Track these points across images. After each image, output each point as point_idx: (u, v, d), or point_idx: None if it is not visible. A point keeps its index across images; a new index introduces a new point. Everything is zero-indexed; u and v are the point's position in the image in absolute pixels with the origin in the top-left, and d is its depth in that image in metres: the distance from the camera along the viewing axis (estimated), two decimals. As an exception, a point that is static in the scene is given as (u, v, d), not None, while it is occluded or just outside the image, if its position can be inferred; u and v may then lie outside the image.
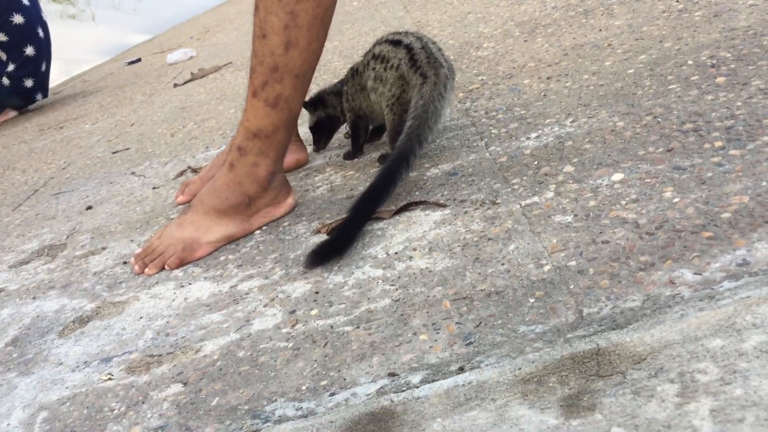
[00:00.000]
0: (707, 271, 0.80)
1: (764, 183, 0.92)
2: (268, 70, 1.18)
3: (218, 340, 1.00)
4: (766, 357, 0.63)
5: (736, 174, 0.97)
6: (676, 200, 0.96)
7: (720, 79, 1.27)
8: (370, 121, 1.50)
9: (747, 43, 1.39)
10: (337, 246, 1.14)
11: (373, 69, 1.39)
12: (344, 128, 1.65)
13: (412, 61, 1.30)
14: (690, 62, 1.39)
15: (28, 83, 3.38)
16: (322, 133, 1.60)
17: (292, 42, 1.16)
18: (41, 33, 3.34)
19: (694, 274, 0.80)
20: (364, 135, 1.54)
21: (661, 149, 1.10)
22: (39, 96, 3.48)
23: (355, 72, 1.47)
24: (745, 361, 0.64)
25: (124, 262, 1.35)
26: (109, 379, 0.99)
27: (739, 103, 1.16)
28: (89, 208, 1.75)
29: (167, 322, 1.09)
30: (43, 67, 3.41)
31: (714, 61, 1.36)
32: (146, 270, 1.28)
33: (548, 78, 1.59)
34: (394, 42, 1.36)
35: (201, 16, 6.19)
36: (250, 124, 1.23)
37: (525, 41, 1.94)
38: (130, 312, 1.16)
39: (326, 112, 1.55)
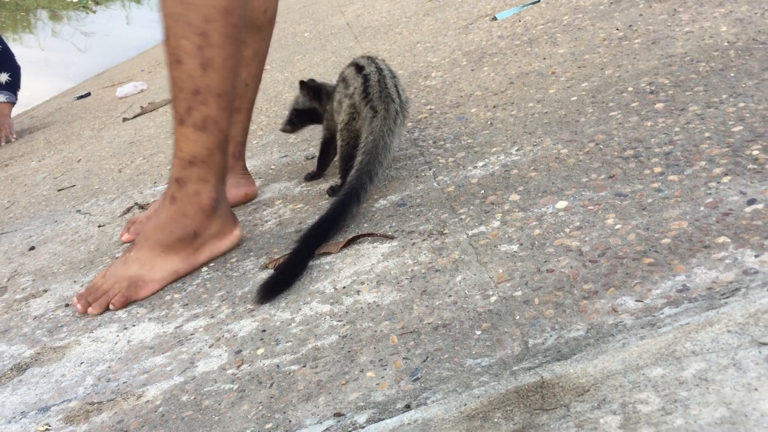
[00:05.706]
0: (648, 298, 0.80)
1: (702, 208, 0.94)
2: (189, 94, 1.17)
3: (161, 384, 0.97)
4: (705, 385, 0.63)
5: (675, 199, 0.98)
6: (618, 227, 0.97)
7: (659, 105, 1.30)
8: None
9: (684, 70, 1.42)
10: (285, 277, 1.12)
11: (337, 92, 1.41)
12: (302, 151, 1.63)
13: (365, 93, 1.31)
14: (630, 89, 1.42)
15: None
16: (302, 120, 1.57)
17: (208, 62, 1.15)
18: None
19: (636, 301, 0.81)
20: (333, 157, 1.53)
21: (603, 176, 1.12)
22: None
23: (332, 92, 1.47)
24: (685, 389, 0.64)
25: (66, 305, 1.31)
26: (47, 429, 0.95)
27: (677, 129, 1.18)
28: (32, 248, 1.69)
29: (109, 367, 1.05)
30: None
31: (653, 88, 1.39)
32: (89, 309, 1.23)
33: (494, 106, 1.61)
34: (358, 68, 1.37)
35: (152, 48, 6.13)
36: (184, 153, 1.21)
37: (472, 70, 1.96)
38: (71, 357, 1.12)
39: (315, 105, 1.52)
